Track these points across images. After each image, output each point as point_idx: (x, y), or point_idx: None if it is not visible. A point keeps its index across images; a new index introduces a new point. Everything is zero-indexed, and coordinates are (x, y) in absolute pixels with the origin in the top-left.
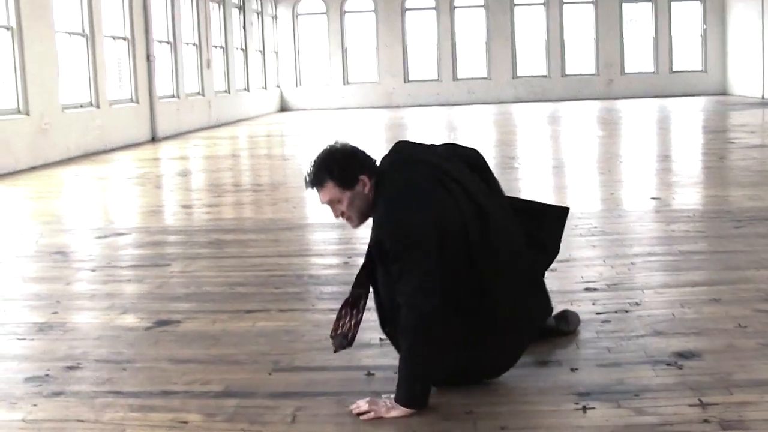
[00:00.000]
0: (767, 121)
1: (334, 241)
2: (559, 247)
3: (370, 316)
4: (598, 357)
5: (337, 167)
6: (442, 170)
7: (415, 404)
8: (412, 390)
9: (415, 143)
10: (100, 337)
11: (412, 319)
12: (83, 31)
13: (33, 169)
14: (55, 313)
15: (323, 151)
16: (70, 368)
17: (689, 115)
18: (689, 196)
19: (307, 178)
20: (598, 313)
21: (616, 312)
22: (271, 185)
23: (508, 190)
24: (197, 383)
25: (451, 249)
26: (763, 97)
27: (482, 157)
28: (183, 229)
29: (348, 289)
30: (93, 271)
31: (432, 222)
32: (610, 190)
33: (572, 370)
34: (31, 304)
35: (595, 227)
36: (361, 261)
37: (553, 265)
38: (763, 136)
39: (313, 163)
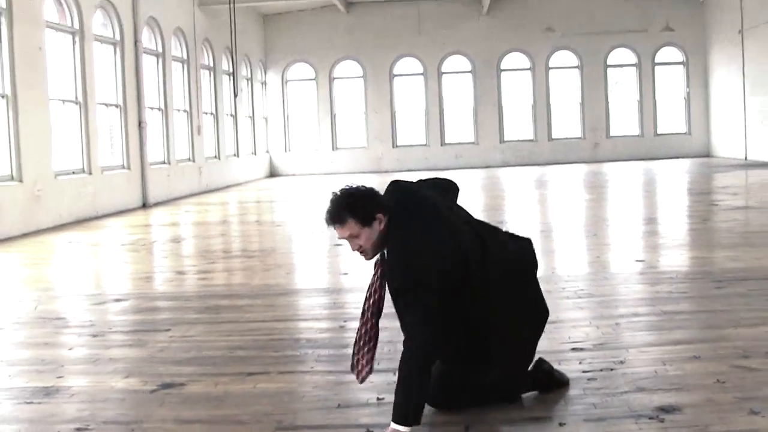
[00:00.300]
0: (750, 182)
1: (327, 306)
2: None
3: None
4: (585, 412)
5: (358, 206)
6: (442, 204)
7: (408, 423)
8: (406, 411)
9: (409, 181)
10: (106, 400)
11: (411, 351)
12: (76, 98)
13: (26, 235)
14: (60, 377)
15: (343, 191)
16: (79, 430)
17: (674, 178)
18: (673, 257)
19: (328, 216)
20: (584, 372)
21: (601, 370)
22: (263, 251)
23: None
24: None
25: (455, 278)
26: (746, 159)
27: (457, 186)
28: (179, 295)
29: (344, 351)
30: (94, 336)
31: (438, 265)
32: (597, 253)
33: (560, 424)
34: (36, 368)
35: (582, 289)
36: (355, 324)
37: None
38: (746, 197)
39: (332, 202)
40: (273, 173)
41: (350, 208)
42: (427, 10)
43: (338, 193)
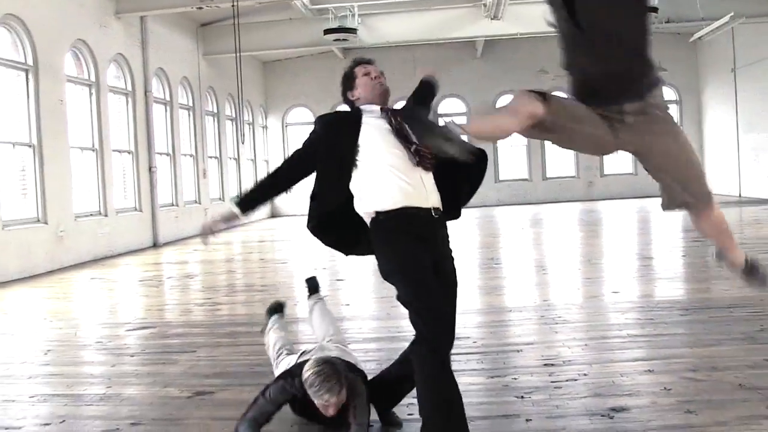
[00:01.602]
0: (743, 218)
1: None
2: None
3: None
4: (548, 411)
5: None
6: None
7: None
8: None
9: None
10: (152, 403)
11: None
12: (93, 146)
13: (51, 272)
14: (110, 387)
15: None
16: (134, 425)
17: (663, 216)
18: (647, 289)
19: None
20: (552, 382)
21: (566, 381)
22: (270, 286)
23: (491, 287)
24: None
25: None
26: (740, 195)
27: None
28: (199, 323)
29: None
30: (131, 356)
31: None
32: (578, 285)
33: (527, 420)
34: (89, 380)
35: (560, 316)
36: (353, 346)
37: (520, 347)
38: (737, 234)
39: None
40: (274, 214)
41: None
42: (423, 54)
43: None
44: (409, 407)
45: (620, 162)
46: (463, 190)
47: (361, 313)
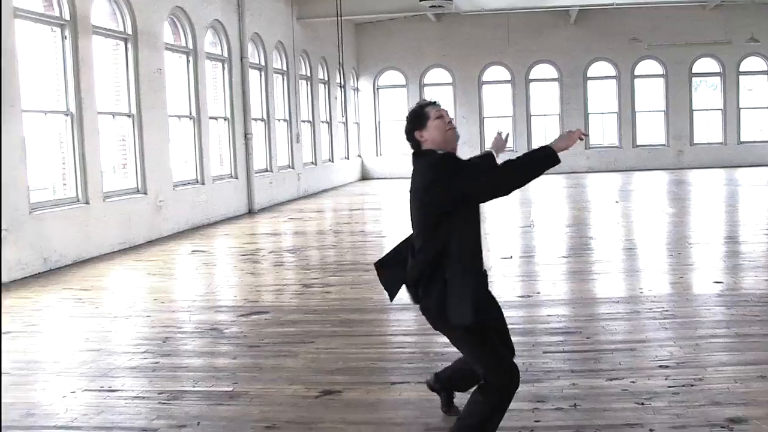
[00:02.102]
0: None
1: None
2: None
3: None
4: (670, 421)
5: None
6: None
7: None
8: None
9: None
10: (282, 404)
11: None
12: (190, 114)
13: (150, 242)
14: (236, 383)
15: None
16: (269, 428)
17: (756, 190)
18: (749, 280)
19: None
20: (669, 387)
21: (683, 386)
22: None
23: (582, 272)
24: None
25: None
26: None
27: None
28: (312, 308)
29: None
30: (250, 347)
31: None
32: (679, 273)
33: (651, 431)
34: (212, 375)
35: (666, 310)
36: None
37: (632, 345)
38: None
39: None
40: (365, 176)
41: None
42: (517, 20)
43: None
44: None
45: (710, 132)
46: None
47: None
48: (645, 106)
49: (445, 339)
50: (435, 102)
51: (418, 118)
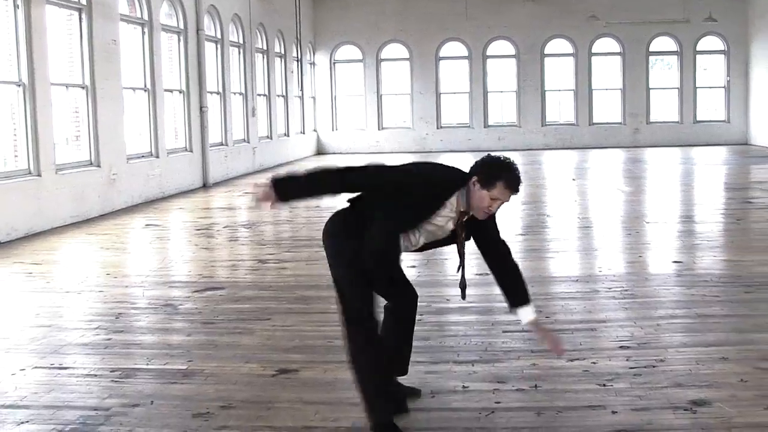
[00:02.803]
0: None
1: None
2: None
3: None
4: (632, 403)
5: None
6: None
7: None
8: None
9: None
10: (237, 383)
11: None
12: (145, 86)
13: (103, 216)
14: (191, 361)
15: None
16: (224, 407)
17: (712, 169)
18: (707, 260)
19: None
20: (631, 368)
21: (645, 367)
22: None
23: (539, 249)
24: (329, 420)
25: None
26: None
27: None
28: (267, 284)
29: (427, 344)
30: (204, 323)
31: None
32: (637, 252)
33: (613, 412)
34: (166, 352)
35: (625, 290)
36: (430, 318)
37: (592, 325)
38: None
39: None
40: (320, 151)
41: None
42: None
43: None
44: None
45: (666, 110)
46: None
47: (434, 278)
48: (602, 84)
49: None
50: (518, 188)
51: (489, 177)
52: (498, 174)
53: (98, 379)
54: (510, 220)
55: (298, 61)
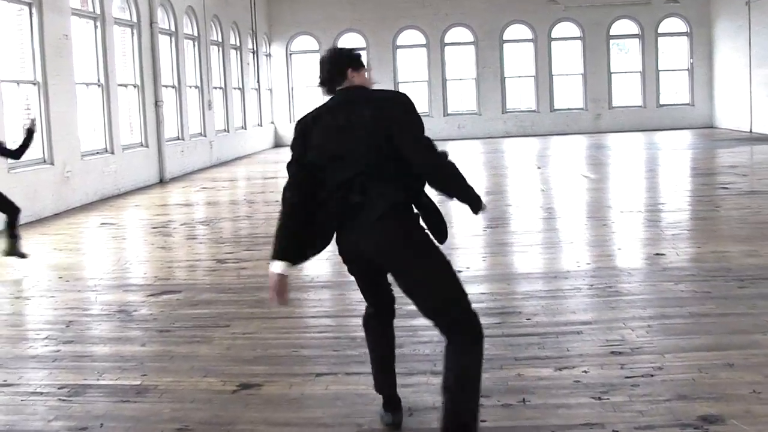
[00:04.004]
0: (756, 161)
1: None
2: None
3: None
4: (634, 420)
5: None
6: None
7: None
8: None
9: None
10: (194, 400)
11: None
12: (99, 81)
13: (57, 215)
14: (145, 375)
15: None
16: (179, 430)
17: (679, 153)
18: (691, 252)
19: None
20: (627, 377)
21: (642, 376)
22: None
23: (508, 244)
24: None
25: None
26: (750, 131)
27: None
28: (227, 286)
29: (400, 352)
30: (160, 332)
31: None
32: (615, 244)
33: (614, 431)
34: (119, 365)
35: (609, 287)
36: (403, 323)
37: (578, 327)
38: (753, 179)
39: None
40: (278, 144)
41: None
42: None
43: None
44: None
45: (628, 95)
46: None
47: None
48: (562, 70)
49: None
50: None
51: (357, 59)
52: (357, 54)
53: (44, 397)
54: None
55: (253, 53)
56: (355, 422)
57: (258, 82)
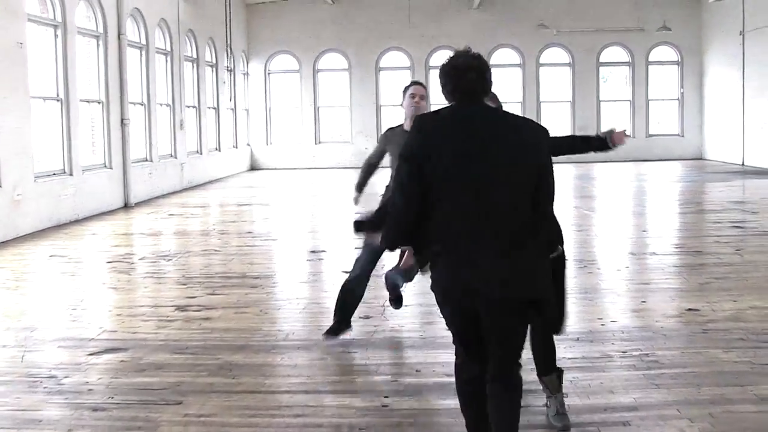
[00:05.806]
0: (761, 196)
1: (374, 368)
2: None
3: None
4: None
5: None
6: None
7: None
8: None
9: None
10: None
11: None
12: (58, 95)
13: (5, 243)
14: None
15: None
16: None
17: (675, 186)
18: (727, 306)
19: None
20: None
21: None
22: (266, 278)
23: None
24: None
25: None
26: (743, 164)
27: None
28: (183, 344)
29: None
30: (95, 410)
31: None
32: (639, 296)
33: None
34: None
35: (645, 354)
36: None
37: (624, 416)
38: (765, 217)
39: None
40: (254, 167)
41: None
42: (418, 2)
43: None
44: None
45: (617, 124)
46: None
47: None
48: (550, 96)
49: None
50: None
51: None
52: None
53: None
54: None
55: (230, 70)
56: None
57: (234, 101)
